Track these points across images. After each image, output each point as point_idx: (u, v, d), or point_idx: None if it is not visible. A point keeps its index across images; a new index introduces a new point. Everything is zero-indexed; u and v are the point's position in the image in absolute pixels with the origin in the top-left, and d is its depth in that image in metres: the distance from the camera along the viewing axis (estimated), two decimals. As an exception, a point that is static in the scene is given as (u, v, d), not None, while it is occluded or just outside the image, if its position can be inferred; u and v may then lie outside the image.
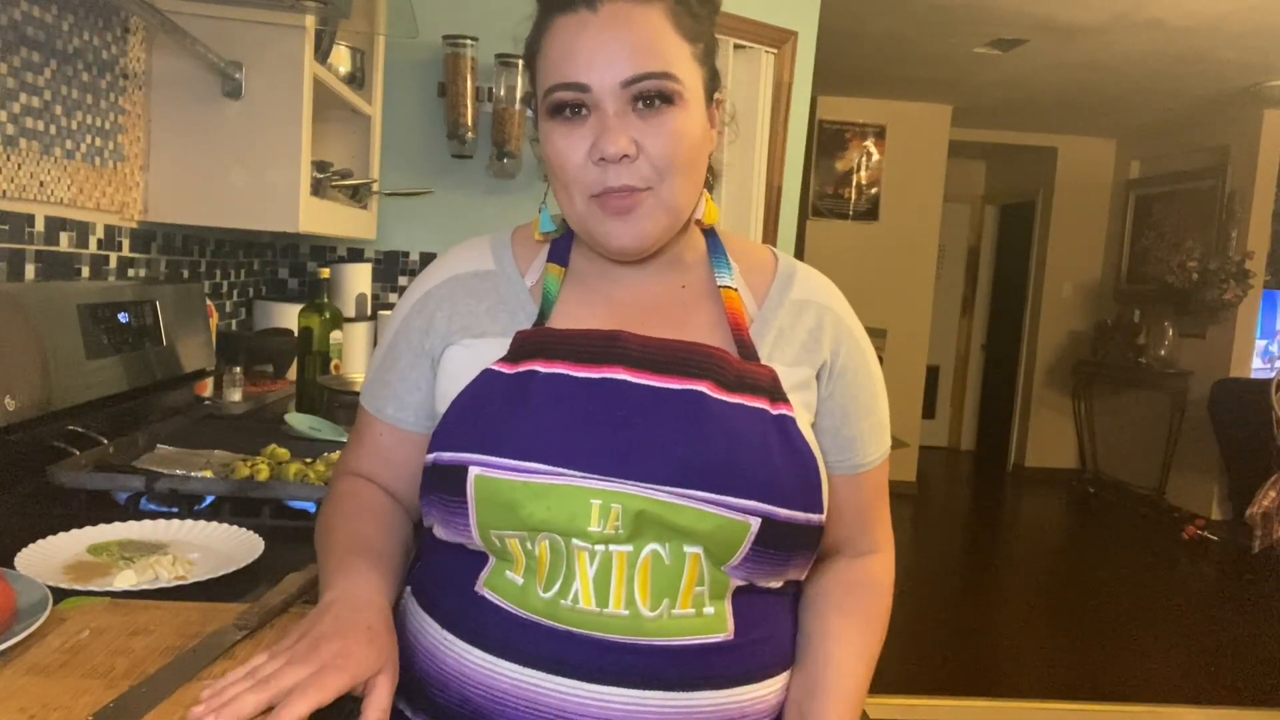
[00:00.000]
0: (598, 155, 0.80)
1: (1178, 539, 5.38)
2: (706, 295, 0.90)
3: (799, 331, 0.89)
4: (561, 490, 0.76)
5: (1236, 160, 5.69)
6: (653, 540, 0.78)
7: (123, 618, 0.83)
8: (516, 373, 0.81)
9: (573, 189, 0.83)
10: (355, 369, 2.41)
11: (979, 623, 3.97)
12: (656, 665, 0.78)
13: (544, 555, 0.78)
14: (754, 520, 0.77)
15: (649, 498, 0.76)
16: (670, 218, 0.84)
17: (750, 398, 0.81)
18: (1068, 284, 6.98)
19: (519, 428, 0.78)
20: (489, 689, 0.79)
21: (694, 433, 0.78)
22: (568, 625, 0.78)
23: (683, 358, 0.81)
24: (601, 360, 0.81)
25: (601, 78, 0.79)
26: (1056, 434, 7.01)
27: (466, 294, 0.90)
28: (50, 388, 1.31)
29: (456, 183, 2.74)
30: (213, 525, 1.12)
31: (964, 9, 4.12)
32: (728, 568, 0.79)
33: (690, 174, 0.83)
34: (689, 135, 0.82)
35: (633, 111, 0.80)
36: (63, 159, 1.48)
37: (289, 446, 1.44)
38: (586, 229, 0.85)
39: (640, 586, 0.78)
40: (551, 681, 0.77)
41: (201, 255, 2.13)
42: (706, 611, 0.80)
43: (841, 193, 6.10)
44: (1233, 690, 3.35)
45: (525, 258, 0.92)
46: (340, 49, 2.16)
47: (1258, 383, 5.35)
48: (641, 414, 0.78)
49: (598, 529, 0.76)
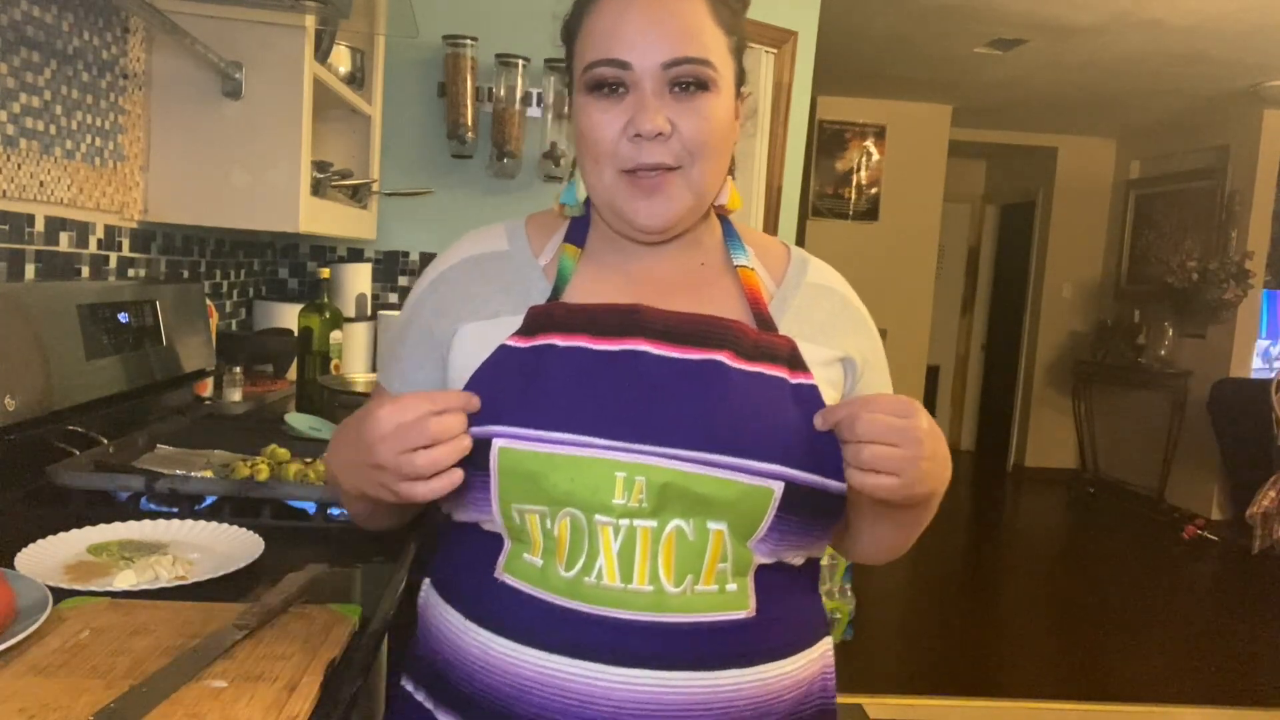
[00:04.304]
0: (633, 131, 0.82)
1: (1178, 539, 5.37)
2: (724, 273, 0.92)
3: (817, 313, 0.90)
4: (586, 462, 0.77)
5: (1236, 160, 5.68)
6: (677, 516, 0.78)
7: (123, 618, 0.83)
8: (533, 346, 0.82)
9: (604, 163, 0.84)
10: (355, 369, 2.41)
11: (979, 623, 3.97)
12: (679, 645, 0.78)
13: (564, 534, 0.79)
14: (776, 485, 0.78)
15: (673, 469, 0.77)
16: (695, 199, 0.86)
17: (769, 366, 0.83)
18: (1068, 284, 6.98)
19: (541, 399, 0.79)
20: (514, 677, 0.79)
21: (714, 400, 0.79)
22: (590, 604, 0.78)
23: (702, 330, 0.83)
24: (621, 333, 0.82)
25: (643, 57, 0.81)
26: (1056, 434, 7.00)
27: (479, 275, 0.90)
28: (50, 388, 1.31)
29: (456, 183, 2.74)
30: (213, 525, 1.12)
31: (964, 9, 4.12)
32: (752, 543, 0.80)
33: (717, 159, 0.86)
34: (719, 121, 0.84)
35: (669, 93, 0.82)
36: (63, 159, 1.48)
37: (289, 446, 1.43)
38: (613, 205, 0.86)
39: (664, 562, 0.78)
40: (576, 666, 0.78)
41: (201, 255, 2.13)
42: (729, 588, 0.80)
43: (841, 193, 6.10)
44: (1233, 690, 3.34)
45: (539, 240, 0.93)
46: (340, 49, 2.16)
47: (1258, 383, 5.35)
48: (662, 384, 0.80)
49: (621, 501, 0.77)
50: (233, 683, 0.72)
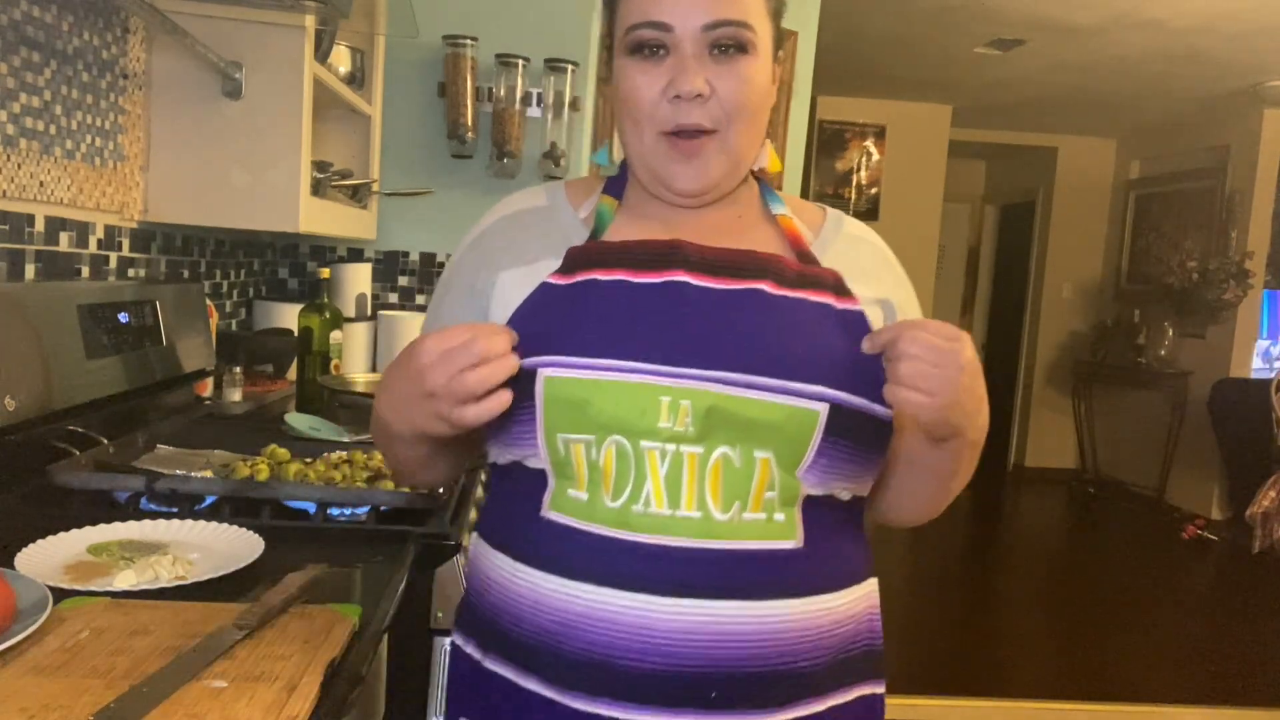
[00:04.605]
0: (673, 93, 0.83)
1: (1178, 539, 5.37)
2: (763, 220, 0.93)
3: (859, 259, 0.91)
4: (630, 387, 0.78)
5: (1236, 160, 5.68)
6: (723, 443, 0.78)
7: (123, 618, 0.83)
8: (574, 282, 0.83)
9: (643, 124, 0.86)
10: (355, 369, 2.41)
11: (979, 623, 3.97)
12: (728, 573, 0.79)
13: (609, 463, 0.79)
14: (821, 407, 0.79)
15: (717, 392, 0.78)
16: (732, 163, 0.87)
17: (814, 293, 0.84)
18: (1068, 284, 6.98)
19: (585, 328, 0.81)
20: (563, 613, 0.79)
21: (757, 324, 0.81)
22: (638, 533, 0.78)
23: (741, 262, 0.84)
24: (661, 266, 0.83)
25: (684, 20, 0.82)
26: (1056, 434, 7.00)
27: (519, 227, 0.92)
28: (50, 388, 1.31)
29: (456, 183, 2.74)
30: (213, 525, 1.12)
31: (964, 9, 4.12)
32: (800, 471, 0.80)
33: (754, 122, 0.87)
34: (757, 83, 0.85)
35: (709, 55, 0.84)
36: (63, 159, 1.48)
37: (289, 446, 1.44)
38: (651, 168, 0.87)
39: (711, 488, 0.78)
40: (625, 598, 0.78)
41: (201, 255, 2.13)
42: (776, 517, 0.81)
43: (841, 193, 6.10)
44: (1233, 690, 3.34)
45: (578, 197, 0.95)
46: (340, 49, 2.16)
47: (1258, 383, 5.35)
48: (705, 311, 0.81)
49: (667, 425, 0.78)
50: (233, 683, 0.72)
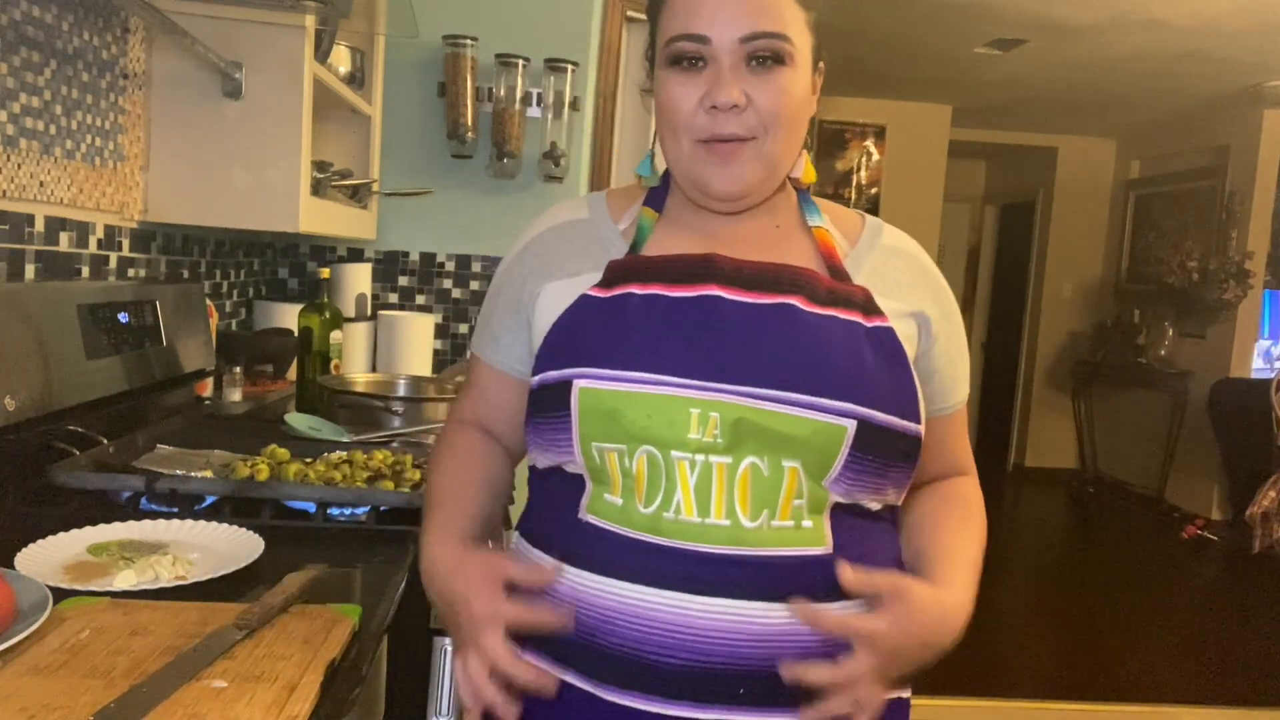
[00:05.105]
0: (710, 103, 0.85)
1: (1178, 539, 5.37)
2: (799, 233, 0.95)
3: (892, 271, 0.92)
4: (661, 399, 0.80)
5: (1236, 160, 5.68)
6: (751, 453, 0.80)
7: (123, 618, 0.84)
8: (612, 296, 0.86)
9: (681, 134, 0.88)
10: (355, 369, 2.41)
11: (979, 622, 3.92)
12: (756, 577, 0.80)
13: (641, 471, 0.81)
14: (850, 423, 0.80)
15: (746, 405, 0.80)
16: (767, 170, 0.89)
17: (843, 311, 0.85)
18: (1068, 284, 6.98)
19: (619, 341, 0.83)
20: (599, 609, 0.82)
21: (787, 340, 0.82)
22: (669, 539, 0.80)
23: (774, 276, 0.86)
24: (696, 280, 0.85)
25: (722, 32, 0.84)
26: (1056, 434, 7.00)
27: (562, 240, 0.95)
28: (50, 388, 1.31)
29: (456, 183, 2.73)
30: (213, 525, 1.12)
31: (964, 9, 4.12)
32: (827, 481, 0.82)
33: (791, 131, 0.88)
34: (794, 94, 0.87)
35: (746, 67, 0.85)
36: (63, 159, 1.48)
37: (289, 446, 1.44)
38: (689, 174, 0.89)
39: (740, 497, 0.80)
40: (660, 596, 0.80)
41: (201, 255, 2.13)
42: (805, 525, 0.82)
43: (841, 193, 6.10)
44: (1233, 690, 3.34)
45: (619, 209, 0.97)
46: (340, 49, 2.16)
47: (1258, 383, 5.35)
48: (736, 326, 0.83)
49: (696, 436, 0.80)
50: (233, 683, 0.73)
